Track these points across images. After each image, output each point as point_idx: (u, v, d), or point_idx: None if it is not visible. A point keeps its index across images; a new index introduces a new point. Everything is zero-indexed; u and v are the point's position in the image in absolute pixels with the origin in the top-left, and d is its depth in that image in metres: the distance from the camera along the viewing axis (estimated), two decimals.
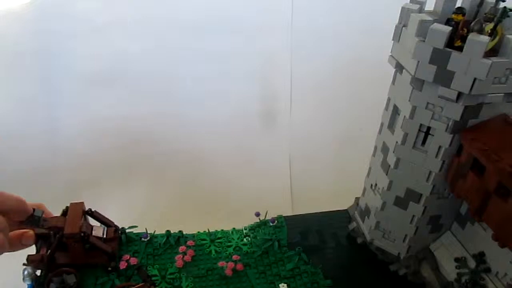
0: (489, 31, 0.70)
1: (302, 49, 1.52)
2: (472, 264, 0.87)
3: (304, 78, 1.55)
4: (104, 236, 0.95)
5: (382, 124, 0.93)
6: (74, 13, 1.39)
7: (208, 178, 1.52)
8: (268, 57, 1.53)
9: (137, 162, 1.52)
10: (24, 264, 0.87)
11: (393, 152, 0.86)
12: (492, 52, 0.70)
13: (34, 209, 0.82)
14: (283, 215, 1.10)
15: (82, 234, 0.88)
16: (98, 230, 0.95)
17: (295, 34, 1.50)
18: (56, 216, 0.89)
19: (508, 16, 0.70)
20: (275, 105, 1.59)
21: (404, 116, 0.81)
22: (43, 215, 0.84)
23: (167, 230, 1.02)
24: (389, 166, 0.88)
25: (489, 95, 0.71)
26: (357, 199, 1.11)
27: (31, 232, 0.86)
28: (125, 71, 1.47)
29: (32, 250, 0.89)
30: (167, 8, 1.42)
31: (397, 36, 0.80)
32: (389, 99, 0.90)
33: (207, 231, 1.05)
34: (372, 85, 1.27)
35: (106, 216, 0.99)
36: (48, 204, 0.92)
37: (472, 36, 0.66)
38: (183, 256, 0.97)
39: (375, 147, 0.97)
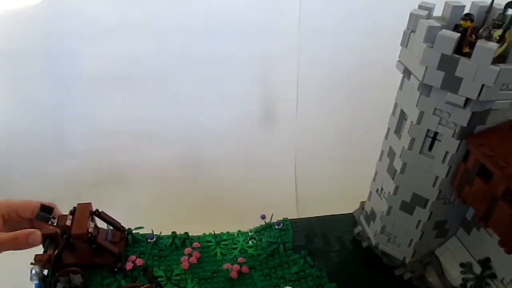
0: (498, 38, 0.70)
1: (308, 52, 1.52)
2: (477, 269, 0.87)
3: (310, 81, 1.55)
4: (108, 240, 0.95)
5: (388, 129, 0.93)
6: (82, 15, 1.40)
7: (214, 180, 1.52)
8: (274, 60, 1.53)
9: (144, 163, 1.52)
10: (31, 264, 0.87)
11: (400, 157, 0.86)
12: (500, 58, 0.70)
13: (42, 204, 0.84)
14: (289, 218, 1.11)
15: (89, 235, 0.89)
16: (102, 233, 0.95)
17: (302, 36, 1.50)
18: (66, 215, 0.90)
19: None
20: (280, 108, 1.59)
21: (411, 121, 0.81)
22: (54, 212, 0.85)
23: (173, 232, 1.03)
24: (396, 171, 0.89)
25: (497, 101, 0.71)
26: (362, 203, 1.11)
27: (38, 231, 0.87)
28: (131, 73, 1.48)
29: (39, 249, 0.90)
30: (173, 11, 1.43)
31: (405, 42, 0.80)
32: (396, 104, 0.90)
33: (212, 233, 1.05)
34: (379, 89, 1.28)
35: (113, 217, 0.99)
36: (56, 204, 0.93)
37: (480, 43, 0.67)
38: (189, 258, 0.97)
39: (382, 152, 0.98)
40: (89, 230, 0.89)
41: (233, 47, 1.49)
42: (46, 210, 0.86)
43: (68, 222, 0.88)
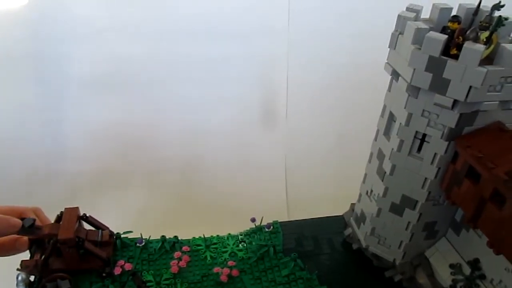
0: (485, 40, 0.70)
1: (299, 54, 1.52)
2: (467, 270, 0.87)
3: (301, 83, 1.56)
4: (99, 239, 0.94)
5: (378, 131, 0.94)
6: (72, 17, 1.39)
7: (204, 184, 1.52)
8: (265, 63, 1.53)
9: (133, 167, 1.51)
10: (17, 270, 0.86)
11: (389, 158, 0.86)
12: (487, 60, 0.70)
13: (23, 219, 0.82)
14: (279, 220, 1.10)
15: (77, 240, 0.87)
16: (93, 233, 0.94)
17: (292, 39, 1.51)
18: (51, 224, 0.88)
19: (503, 25, 0.70)
20: (271, 110, 1.59)
21: (400, 123, 0.81)
22: (36, 223, 0.83)
23: (162, 236, 1.02)
24: (385, 172, 0.89)
25: (485, 102, 0.71)
26: (352, 205, 1.11)
27: (25, 238, 0.86)
28: (124, 76, 1.47)
29: (26, 255, 0.89)
30: (165, 13, 1.42)
31: (393, 44, 0.80)
32: (385, 106, 0.90)
33: (202, 236, 1.04)
34: (369, 91, 1.28)
35: (101, 221, 0.98)
36: (44, 208, 0.92)
37: (467, 45, 0.67)
38: (178, 262, 0.97)
39: (371, 154, 0.98)
40: (79, 235, 0.88)
41: (225, 49, 1.49)
42: (29, 225, 0.84)
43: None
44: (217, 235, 1.05)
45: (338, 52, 1.51)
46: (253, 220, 1.07)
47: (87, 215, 0.95)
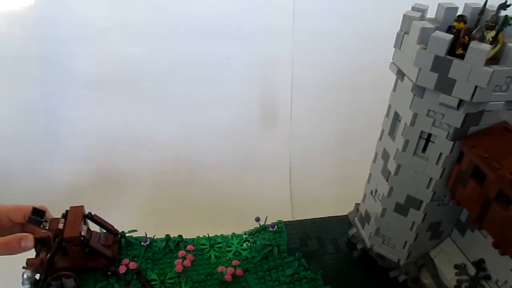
0: (491, 39, 0.70)
1: (303, 54, 1.52)
2: (472, 271, 0.87)
3: (305, 83, 1.55)
4: (101, 243, 0.94)
5: (382, 131, 0.93)
6: (75, 17, 1.39)
7: (208, 183, 1.52)
8: (269, 62, 1.53)
9: (137, 166, 1.52)
10: (23, 268, 0.86)
11: (394, 158, 0.86)
12: (493, 60, 0.70)
13: (34, 207, 0.83)
14: (283, 220, 1.10)
15: (82, 238, 0.88)
16: (95, 236, 0.94)
17: (296, 39, 1.50)
18: (58, 218, 0.89)
19: (510, 25, 0.70)
20: (275, 110, 1.59)
21: (405, 123, 0.81)
22: (46, 216, 0.84)
23: (167, 235, 1.02)
24: (390, 172, 0.88)
25: (490, 102, 0.71)
26: (357, 205, 1.11)
27: (30, 235, 0.86)
28: (126, 76, 1.47)
29: (31, 253, 0.89)
30: (168, 13, 1.42)
31: (398, 43, 0.80)
32: (390, 106, 0.90)
33: (206, 235, 1.05)
34: (373, 91, 1.28)
35: (106, 220, 0.99)
36: (48, 208, 0.92)
37: (473, 44, 0.67)
38: (183, 261, 0.97)
39: (376, 154, 0.97)
40: (82, 233, 0.88)
41: (228, 50, 1.49)
42: (38, 214, 0.86)
43: (61, 226, 0.87)
44: (222, 235, 1.05)
45: (341, 52, 1.51)
46: (257, 219, 1.07)
47: (92, 213, 0.95)
